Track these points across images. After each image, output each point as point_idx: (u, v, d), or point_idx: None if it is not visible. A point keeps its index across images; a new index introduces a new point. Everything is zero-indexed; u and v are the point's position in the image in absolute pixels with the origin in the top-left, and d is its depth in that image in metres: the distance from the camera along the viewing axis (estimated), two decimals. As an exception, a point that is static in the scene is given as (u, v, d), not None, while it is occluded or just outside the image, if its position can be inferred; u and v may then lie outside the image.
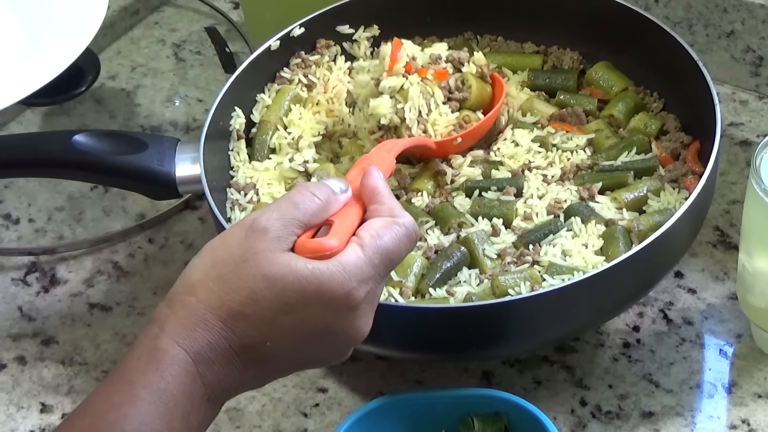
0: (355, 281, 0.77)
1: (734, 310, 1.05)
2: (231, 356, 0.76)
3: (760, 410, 0.98)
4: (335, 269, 0.76)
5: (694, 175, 1.02)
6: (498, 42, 1.19)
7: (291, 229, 0.78)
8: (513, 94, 1.13)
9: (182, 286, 0.78)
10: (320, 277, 0.76)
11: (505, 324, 0.93)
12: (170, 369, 0.74)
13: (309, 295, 0.76)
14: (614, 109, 1.10)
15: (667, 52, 1.08)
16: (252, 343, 0.76)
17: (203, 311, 0.76)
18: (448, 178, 1.05)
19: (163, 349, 0.75)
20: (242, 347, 0.76)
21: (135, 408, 0.73)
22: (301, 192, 0.80)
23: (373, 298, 0.79)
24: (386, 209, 0.81)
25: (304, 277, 0.76)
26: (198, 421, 0.76)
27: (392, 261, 0.80)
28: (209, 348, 0.75)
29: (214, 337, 0.75)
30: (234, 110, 1.10)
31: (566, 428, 0.98)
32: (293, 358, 0.79)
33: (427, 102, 1.04)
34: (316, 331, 0.77)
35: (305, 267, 0.76)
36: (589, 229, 0.98)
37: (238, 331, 0.76)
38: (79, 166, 1.06)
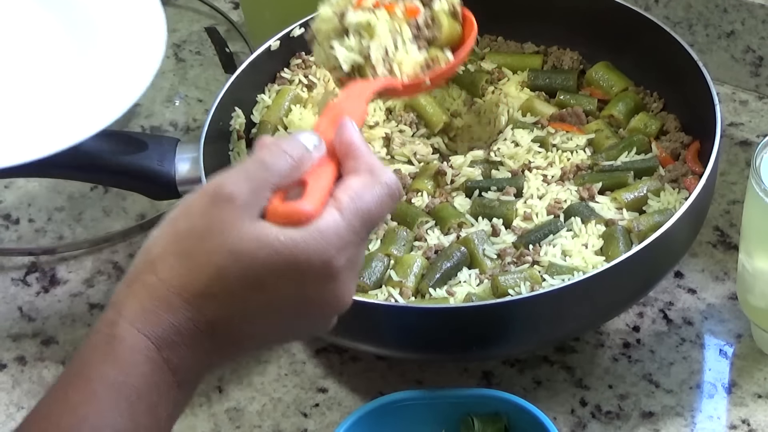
0: (334, 249, 0.69)
1: (734, 310, 1.05)
2: (199, 338, 0.68)
3: (760, 410, 0.98)
4: (311, 238, 0.68)
5: (694, 175, 1.02)
6: (498, 42, 1.19)
7: (260, 194, 0.70)
8: (513, 94, 1.13)
9: (142, 263, 0.70)
10: (294, 249, 0.68)
11: (505, 324, 0.93)
12: (130, 359, 0.67)
13: (283, 269, 0.68)
14: (614, 109, 1.10)
15: (667, 52, 1.08)
16: (222, 323, 0.69)
17: (166, 291, 0.68)
18: (448, 178, 1.05)
19: (121, 336, 0.67)
20: (211, 328, 0.68)
21: (93, 407, 0.66)
22: (271, 150, 0.71)
23: (354, 263, 0.72)
24: (365, 166, 0.73)
25: (277, 251, 0.68)
26: (168, 410, 0.69)
27: (373, 223, 0.72)
28: (174, 331, 0.68)
29: (178, 319, 0.68)
30: (234, 110, 1.10)
31: (566, 428, 0.98)
32: (269, 335, 0.72)
33: (394, 40, 0.96)
34: (293, 305, 0.70)
35: (277, 239, 0.68)
36: (589, 229, 0.98)
37: (205, 311, 0.68)
38: (78, 166, 1.06)
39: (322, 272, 0.69)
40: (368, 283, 0.96)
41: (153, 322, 0.68)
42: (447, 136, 1.14)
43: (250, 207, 0.69)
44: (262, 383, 1.04)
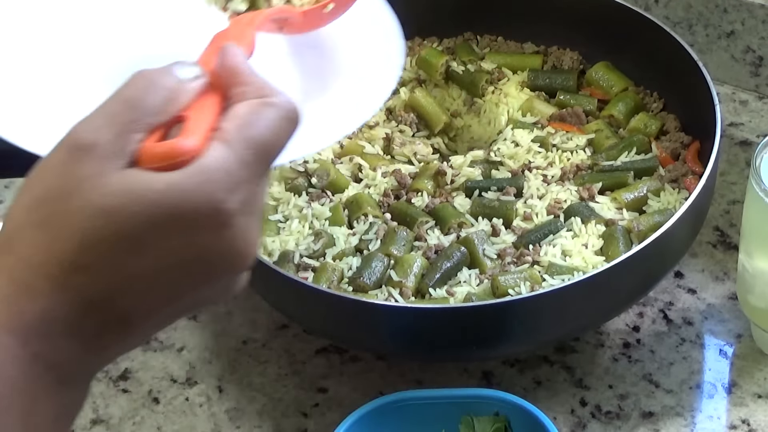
0: (224, 190, 0.57)
1: (734, 310, 1.05)
2: (75, 323, 0.56)
3: (760, 410, 0.98)
4: (194, 179, 0.56)
5: (694, 175, 1.02)
6: (498, 42, 1.19)
7: (128, 137, 0.57)
8: (513, 94, 1.13)
9: (1, 241, 0.58)
10: (174, 196, 0.56)
11: (505, 324, 0.93)
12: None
13: (164, 223, 0.56)
14: (614, 109, 1.10)
15: (666, 52, 1.08)
16: (99, 299, 0.56)
17: (27, 273, 0.56)
18: (447, 178, 1.05)
19: None
20: (87, 308, 0.56)
21: None
22: (136, 84, 0.59)
23: (252, 205, 0.59)
24: (253, 90, 0.61)
25: (153, 202, 0.56)
26: (50, 415, 0.57)
27: (269, 153, 0.60)
28: (40, 320, 0.56)
29: (47, 304, 0.56)
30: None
31: (566, 428, 0.98)
32: (165, 307, 0.59)
33: None
34: (185, 266, 0.58)
35: (151, 188, 0.56)
36: (589, 229, 0.98)
37: (77, 288, 0.56)
38: None
39: (212, 220, 0.57)
40: (368, 283, 0.96)
41: (15, 314, 0.56)
42: (447, 136, 1.14)
43: (116, 155, 0.57)
44: (262, 383, 1.04)
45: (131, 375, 1.05)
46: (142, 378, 1.05)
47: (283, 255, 0.99)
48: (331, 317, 0.96)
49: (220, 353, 1.06)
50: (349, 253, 1.00)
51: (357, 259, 0.99)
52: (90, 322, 0.57)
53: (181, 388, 1.04)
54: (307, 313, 0.98)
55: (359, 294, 0.95)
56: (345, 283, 0.97)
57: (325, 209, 1.03)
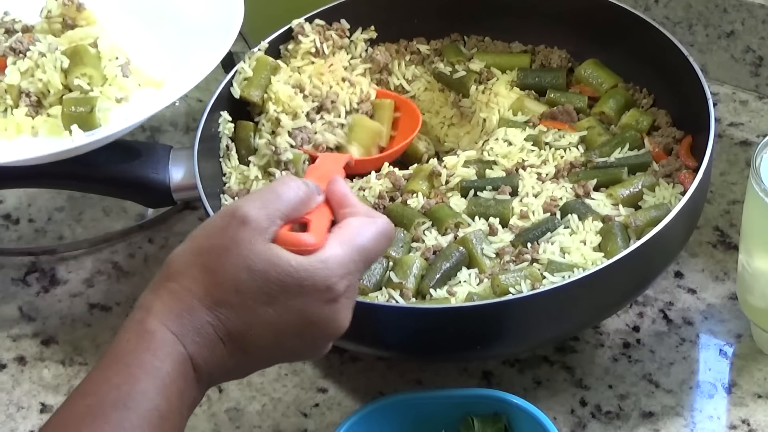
0: (336, 276, 0.78)
1: (734, 310, 1.05)
2: (216, 342, 0.77)
3: (760, 410, 0.98)
4: (318, 265, 0.78)
5: (688, 170, 1.02)
6: (485, 42, 1.20)
7: (273, 220, 0.78)
8: (503, 93, 1.13)
9: (166, 275, 0.78)
10: (303, 272, 0.77)
11: (507, 323, 0.93)
12: (162, 349, 0.75)
13: (292, 289, 0.77)
14: (605, 106, 1.10)
15: (654, 47, 1.08)
16: (236, 330, 0.77)
17: (189, 298, 0.77)
18: (442, 178, 1.05)
19: (152, 330, 0.76)
20: (227, 334, 0.77)
21: (134, 386, 0.74)
22: (286, 183, 0.81)
23: (352, 292, 0.81)
24: (362, 211, 0.83)
25: (288, 272, 0.77)
26: (190, 400, 0.77)
27: (370, 258, 0.82)
28: (195, 332, 0.76)
29: (200, 322, 0.76)
30: (220, 115, 1.09)
31: (566, 428, 0.98)
32: (275, 348, 0.80)
33: None
34: (297, 322, 0.78)
35: (288, 263, 0.77)
36: (587, 226, 0.98)
37: (223, 318, 0.77)
38: (73, 176, 1.06)
39: (325, 294, 0.78)
40: (368, 285, 0.96)
41: (178, 322, 0.76)
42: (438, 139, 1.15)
43: (264, 231, 0.78)
44: (262, 383, 1.04)
45: (131, 375, 1.05)
46: (142, 378, 1.05)
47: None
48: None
49: (220, 353, 1.06)
50: (347, 255, 1.00)
51: (356, 261, 0.99)
52: (224, 347, 0.77)
53: (181, 388, 1.04)
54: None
55: (360, 296, 0.95)
56: (345, 285, 0.97)
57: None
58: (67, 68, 1.10)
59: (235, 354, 0.78)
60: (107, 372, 0.76)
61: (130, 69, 1.14)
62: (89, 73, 1.10)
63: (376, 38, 1.18)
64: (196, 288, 0.77)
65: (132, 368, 0.75)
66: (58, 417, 0.75)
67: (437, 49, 1.19)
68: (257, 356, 0.80)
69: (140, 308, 0.78)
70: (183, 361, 0.76)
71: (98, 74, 1.11)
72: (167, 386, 0.75)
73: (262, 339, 0.78)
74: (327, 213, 0.83)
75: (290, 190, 0.80)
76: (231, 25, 1.12)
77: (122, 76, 1.12)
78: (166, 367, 0.75)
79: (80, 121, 1.07)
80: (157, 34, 1.19)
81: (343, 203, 0.84)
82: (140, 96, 1.12)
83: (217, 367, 0.78)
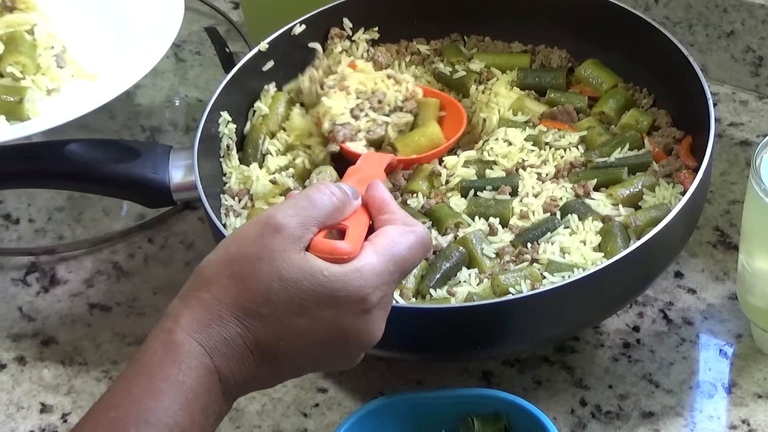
0: (371, 286, 0.77)
1: (734, 310, 1.05)
2: (245, 353, 0.76)
3: (760, 410, 0.98)
4: (352, 274, 0.76)
5: (688, 170, 1.03)
6: (485, 42, 1.20)
7: (307, 228, 0.77)
8: (503, 93, 1.13)
9: (196, 283, 0.77)
10: (336, 283, 0.76)
11: (508, 323, 0.93)
12: (187, 362, 0.74)
13: (324, 299, 0.76)
14: (605, 106, 1.10)
15: (654, 47, 1.08)
16: (266, 341, 0.76)
17: (218, 308, 0.75)
18: (442, 178, 1.05)
19: (179, 342, 0.74)
20: (256, 345, 0.76)
21: (156, 400, 0.73)
22: (320, 190, 0.80)
23: (387, 303, 0.79)
24: (400, 218, 0.82)
25: (321, 282, 0.75)
26: (215, 414, 0.76)
27: (406, 269, 0.80)
28: (224, 343, 0.75)
29: (229, 333, 0.75)
30: (220, 115, 1.09)
31: (566, 428, 0.98)
32: (305, 359, 0.79)
33: None
34: (329, 333, 0.77)
35: (321, 273, 0.76)
36: (587, 226, 0.98)
37: (252, 329, 0.75)
38: (72, 176, 1.06)
39: (359, 305, 0.77)
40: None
41: (206, 333, 0.75)
42: None
43: (297, 239, 0.76)
44: (262, 383, 1.04)
45: (131, 375, 1.05)
46: (142, 378, 1.05)
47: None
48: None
49: (220, 353, 1.06)
50: (348, 255, 0.99)
51: (356, 261, 0.99)
52: (254, 357, 0.76)
53: (181, 388, 1.04)
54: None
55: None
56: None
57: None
58: (1, 54, 1.08)
59: (265, 365, 0.77)
60: (130, 383, 0.75)
61: (66, 59, 1.12)
62: (23, 61, 1.08)
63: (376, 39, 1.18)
64: (226, 298, 0.76)
65: (156, 381, 0.74)
66: (79, 429, 0.74)
67: (437, 49, 1.19)
68: (287, 367, 0.79)
69: (169, 317, 0.76)
70: (209, 375, 0.75)
71: (32, 63, 1.09)
72: (191, 402, 0.73)
73: (292, 350, 0.77)
74: (365, 219, 0.82)
75: (324, 197, 0.79)
76: (171, 24, 1.11)
77: (56, 67, 1.10)
78: (191, 382, 0.74)
79: (8, 111, 1.05)
80: (97, 26, 1.18)
81: (382, 209, 0.82)
82: (72, 88, 1.11)
83: (245, 378, 0.77)
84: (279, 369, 0.78)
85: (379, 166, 0.95)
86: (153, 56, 1.07)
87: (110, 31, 1.17)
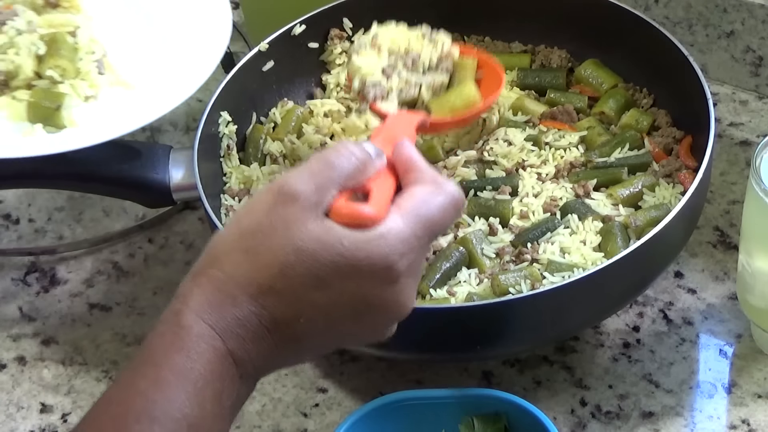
0: (397, 253, 0.70)
1: (734, 310, 1.05)
2: (262, 333, 0.70)
3: (760, 410, 0.98)
4: (375, 241, 0.70)
5: (688, 170, 1.03)
6: (485, 42, 1.20)
7: (325, 192, 0.71)
8: (503, 93, 1.13)
9: (207, 260, 0.72)
10: (358, 252, 0.69)
11: (508, 323, 0.93)
12: (196, 347, 0.69)
13: (345, 271, 0.69)
14: (605, 106, 1.10)
15: (654, 47, 1.08)
16: (284, 319, 0.70)
17: (231, 287, 0.70)
18: (442, 178, 1.05)
19: (187, 326, 0.69)
20: (273, 323, 0.70)
21: (162, 393, 0.68)
22: (338, 150, 0.73)
23: (416, 270, 0.73)
24: (428, 177, 0.74)
25: (340, 253, 0.69)
26: (231, 399, 0.71)
27: (435, 231, 0.73)
28: (238, 324, 0.69)
29: (243, 313, 0.69)
30: (220, 115, 1.09)
31: (566, 428, 0.98)
32: (329, 335, 0.73)
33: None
34: (353, 307, 0.71)
35: (340, 242, 0.69)
36: (587, 226, 0.98)
37: (268, 306, 0.70)
38: (72, 176, 1.06)
39: (384, 275, 0.70)
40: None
41: (218, 314, 0.69)
42: None
43: (315, 205, 0.70)
44: (262, 383, 1.04)
45: (131, 375, 1.05)
46: (142, 378, 1.05)
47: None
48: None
49: (220, 353, 1.06)
50: (348, 255, 0.99)
51: (356, 260, 0.99)
52: (272, 336, 0.70)
53: (181, 388, 1.04)
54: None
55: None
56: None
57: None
58: (42, 55, 1.07)
59: (284, 344, 0.71)
60: (137, 373, 0.70)
61: (105, 65, 1.10)
62: (63, 65, 1.06)
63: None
64: (239, 274, 0.70)
65: (162, 371, 0.68)
66: (81, 427, 0.70)
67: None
68: (310, 344, 0.72)
69: (179, 297, 0.71)
70: (220, 360, 0.69)
71: (72, 67, 1.07)
72: (200, 390, 0.68)
73: (313, 326, 0.71)
74: (391, 181, 0.75)
75: (343, 157, 0.72)
76: (218, 41, 1.10)
77: (97, 73, 1.09)
78: (200, 368, 0.68)
79: (45, 118, 1.04)
80: (137, 33, 1.17)
81: (410, 169, 0.75)
82: (109, 95, 1.09)
83: (265, 359, 0.71)
84: (301, 347, 0.72)
85: (409, 126, 0.89)
86: (200, 73, 1.05)
87: (151, 39, 1.15)
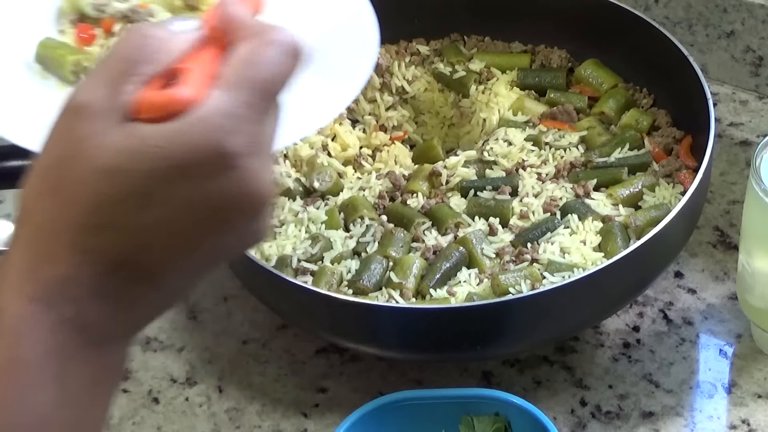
0: (223, 132, 0.55)
1: (734, 310, 1.05)
2: (99, 284, 0.56)
3: (760, 410, 0.98)
4: (193, 128, 0.55)
5: (688, 170, 1.03)
6: (485, 42, 1.20)
7: (121, 89, 0.56)
8: (503, 93, 1.13)
9: (20, 215, 0.58)
10: (173, 148, 0.55)
11: (508, 322, 0.93)
12: (17, 330, 0.56)
13: (168, 176, 0.55)
14: (605, 106, 1.10)
15: (654, 47, 1.09)
16: (120, 258, 0.56)
17: (43, 241, 0.56)
18: (443, 178, 1.05)
19: (2, 308, 0.56)
20: (108, 268, 0.56)
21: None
22: (128, 38, 0.58)
23: (257, 144, 0.57)
24: (252, 30, 0.59)
25: (154, 156, 0.55)
26: (84, 377, 0.57)
27: (273, 90, 0.58)
28: (63, 284, 0.56)
29: (65, 269, 0.56)
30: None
31: (566, 428, 0.98)
32: (188, 258, 0.58)
33: None
34: (197, 213, 0.57)
35: (150, 143, 0.55)
36: (587, 226, 0.98)
37: (95, 250, 0.56)
38: None
39: (216, 164, 0.56)
40: (368, 285, 0.96)
41: (36, 282, 0.56)
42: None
43: (111, 109, 0.56)
44: (262, 383, 1.04)
45: (131, 375, 1.05)
46: (142, 378, 1.05)
47: (280, 260, 0.99)
48: (334, 320, 0.96)
49: (220, 353, 1.06)
50: (346, 256, 1.00)
51: (355, 261, 0.99)
52: (114, 282, 0.56)
53: (181, 388, 1.04)
54: (309, 317, 0.98)
55: (360, 296, 0.95)
56: (344, 287, 0.97)
57: (320, 213, 1.03)
58: None
59: (136, 286, 0.57)
60: None
61: None
62: None
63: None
64: (51, 221, 0.56)
65: None
66: None
67: (437, 49, 1.19)
68: (171, 276, 0.58)
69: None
70: (52, 334, 0.56)
71: None
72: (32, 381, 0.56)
73: (160, 254, 0.57)
74: (214, 54, 0.60)
75: (134, 43, 0.57)
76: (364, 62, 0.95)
77: None
78: (24, 355, 0.56)
79: None
80: None
81: (231, 29, 0.59)
82: None
83: (118, 312, 0.57)
84: (162, 283, 0.58)
85: None
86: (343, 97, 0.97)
87: None
